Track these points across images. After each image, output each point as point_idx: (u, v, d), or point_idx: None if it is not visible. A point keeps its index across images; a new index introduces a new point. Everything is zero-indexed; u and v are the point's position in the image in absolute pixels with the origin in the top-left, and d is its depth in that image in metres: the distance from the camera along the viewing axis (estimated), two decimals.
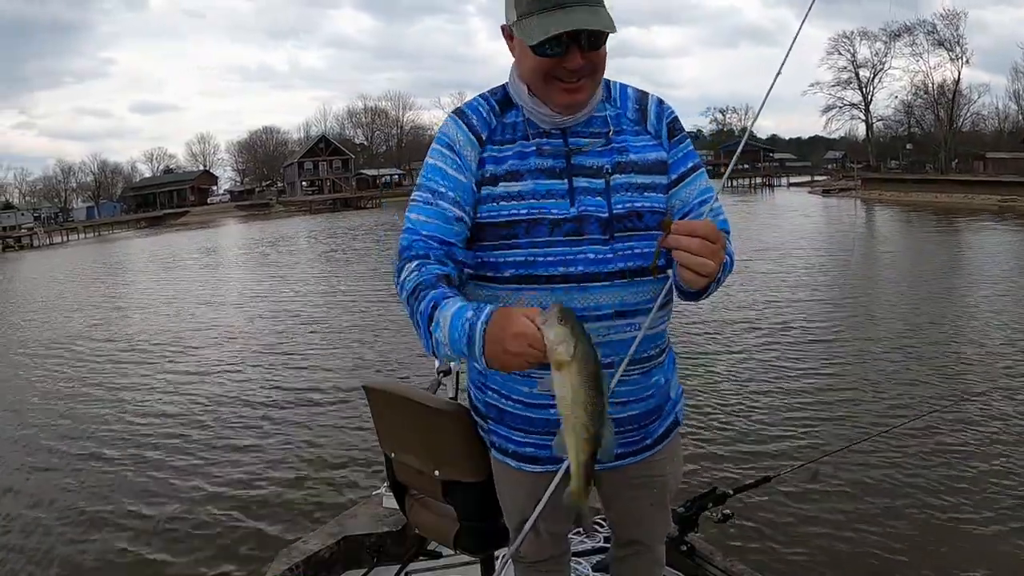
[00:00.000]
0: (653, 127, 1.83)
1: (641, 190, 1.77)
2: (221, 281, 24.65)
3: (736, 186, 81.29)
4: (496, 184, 1.76)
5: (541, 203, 1.74)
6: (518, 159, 1.77)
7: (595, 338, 1.72)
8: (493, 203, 1.76)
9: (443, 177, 1.76)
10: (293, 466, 6.92)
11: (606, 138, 1.78)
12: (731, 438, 6.98)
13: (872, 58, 72.72)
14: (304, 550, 3.18)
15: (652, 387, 1.88)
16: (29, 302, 23.60)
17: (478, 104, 1.84)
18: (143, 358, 12.76)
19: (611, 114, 1.81)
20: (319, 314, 15.82)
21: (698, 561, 3.03)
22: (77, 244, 67.93)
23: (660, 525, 2.17)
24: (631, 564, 2.23)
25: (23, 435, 8.82)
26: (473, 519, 2.23)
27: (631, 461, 1.92)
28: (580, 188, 1.75)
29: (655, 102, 1.86)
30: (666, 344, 1.92)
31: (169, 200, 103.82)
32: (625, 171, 1.77)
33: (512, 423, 1.91)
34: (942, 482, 5.82)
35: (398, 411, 2.32)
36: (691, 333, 11.23)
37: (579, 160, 1.77)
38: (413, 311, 1.65)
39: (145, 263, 35.85)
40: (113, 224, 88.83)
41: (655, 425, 1.93)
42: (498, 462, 2.00)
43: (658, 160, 1.81)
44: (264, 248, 37.83)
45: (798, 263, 19.05)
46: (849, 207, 44.65)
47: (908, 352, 9.84)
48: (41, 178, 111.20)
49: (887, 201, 46.70)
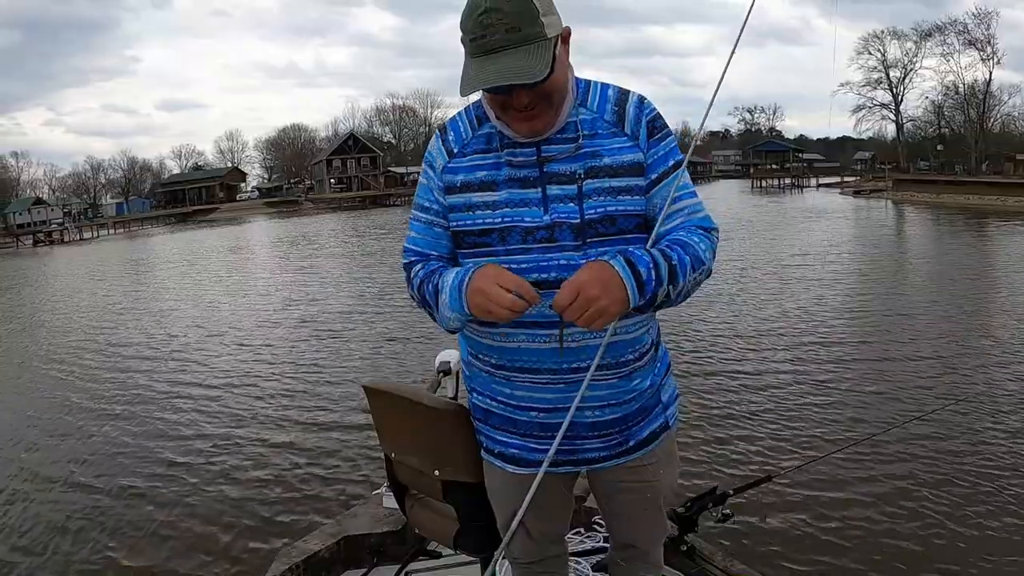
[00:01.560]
0: (631, 128, 1.79)
1: (615, 194, 1.75)
2: (241, 278, 24.76)
3: (766, 187, 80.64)
4: (460, 193, 1.81)
5: (516, 211, 1.76)
6: (493, 169, 1.79)
7: (570, 343, 1.77)
8: (469, 212, 1.80)
9: (427, 192, 1.88)
10: (293, 466, 6.89)
11: (578, 143, 1.76)
12: (731, 438, 6.94)
13: (902, 58, 72.09)
14: (304, 550, 3.19)
15: (633, 391, 1.87)
16: (72, 297, 23.85)
17: (459, 118, 1.88)
18: (143, 355, 12.84)
19: (586, 118, 1.78)
20: (320, 314, 15.74)
21: (698, 561, 3.02)
22: (107, 240, 68.69)
23: (655, 529, 2.15)
24: (628, 567, 2.23)
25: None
26: (473, 519, 2.22)
27: (617, 463, 1.92)
28: (553, 196, 1.75)
29: (635, 102, 1.81)
30: (649, 348, 1.90)
31: (198, 196, 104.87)
32: (598, 175, 1.75)
33: (497, 423, 1.95)
34: (943, 482, 5.78)
35: (398, 411, 2.31)
36: (692, 334, 11.12)
37: (552, 167, 1.76)
38: (425, 298, 1.81)
39: (177, 258, 36.05)
40: (143, 220, 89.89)
41: (639, 428, 1.92)
42: (486, 462, 2.03)
43: (634, 162, 1.77)
44: (289, 246, 37.91)
45: (841, 268, 18.66)
46: (882, 208, 43.93)
47: (912, 352, 9.75)
48: (71, 174, 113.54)
49: (918, 202, 46.01)
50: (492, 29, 1.57)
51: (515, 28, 1.57)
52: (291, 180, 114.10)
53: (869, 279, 16.59)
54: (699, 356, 9.85)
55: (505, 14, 1.56)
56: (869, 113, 75.00)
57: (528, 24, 1.58)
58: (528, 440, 1.88)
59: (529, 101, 1.65)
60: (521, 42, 1.58)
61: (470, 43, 1.60)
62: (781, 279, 16.64)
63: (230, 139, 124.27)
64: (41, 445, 8.26)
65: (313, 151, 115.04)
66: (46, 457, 7.81)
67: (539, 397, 1.84)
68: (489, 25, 1.56)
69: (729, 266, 17.92)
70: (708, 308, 12.96)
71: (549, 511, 2.07)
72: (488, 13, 1.56)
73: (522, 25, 1.57)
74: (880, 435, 6.01)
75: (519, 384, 1.85)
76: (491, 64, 1.58)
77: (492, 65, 1.58)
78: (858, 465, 5.98)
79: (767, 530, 5.17)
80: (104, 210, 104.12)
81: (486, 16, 1.56)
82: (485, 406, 1.96)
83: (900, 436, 6.36)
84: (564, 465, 1.91)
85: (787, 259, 20.03)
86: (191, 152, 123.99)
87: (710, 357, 9.85)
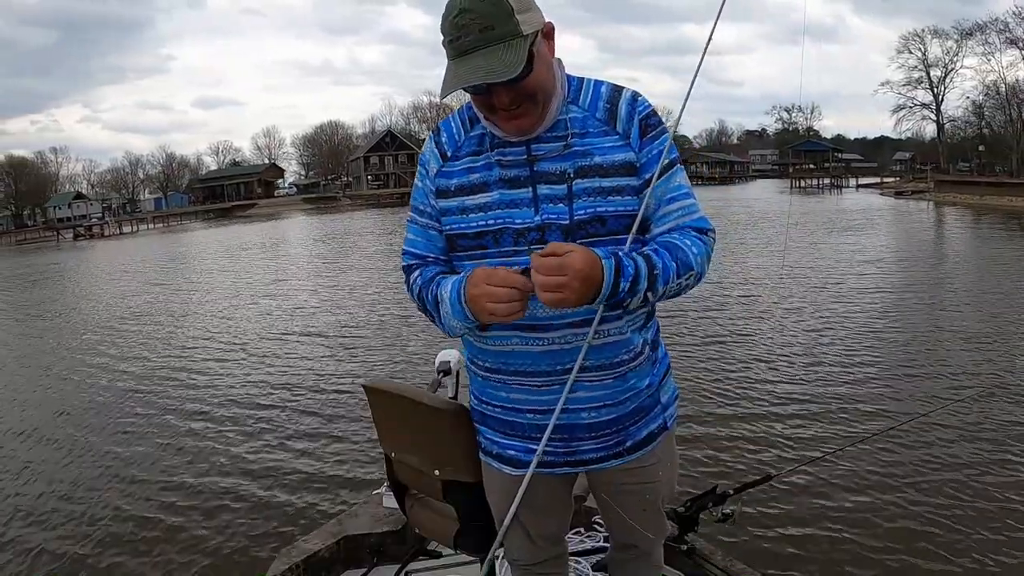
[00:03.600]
0: (623, 126, 1.76)
1: (605, 194, 1.72)
2: (263, 276, 24.71)
3: (804, 186, 79.78)
4: (454, 196, 1.81)
5: (507, 212, 1.75)
6: (485, 170, 1.78)
7: (563, 344, 1.77)
8: (463, 215, 1.80)
9: (423, 196, 1.89)
10: (293, 466, 6.87)
11: (566, 142, 1.74)
12: (731, 437, 6.87)
13: (943, 57, 70.75)
14: (304, 550, 3.19)
15: (630, 390, 1.86)
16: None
17: (452, 119, 1.88)
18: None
19: (576, 116, 1.76)
20: (320, 314, 15.69)
21: (698, 561, 3.00)
22: (147, 234, 69.84)
23: (655, 529, 2.14)
24: (628, 567, 2.24)
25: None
26: (473, 519, 2.21)
27: (615, 463, 1.91)
28: (543, 196, 1.74)
29: (627, 100, 1.77)
30: (642, 349, 1.87)
31: (236, 192, 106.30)
32: (588, 175, 1.72)
33: (494, 426, 1.95)
34: (943, 482, 5.72)
35: (398, 411, 2.31)
36: (691, 334, 11.00)
37: (542, 167, 1.74)
38: (427, 306, 1.84)
39: (217, 253, 36.35)
40: (181, 215, 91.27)
41: (636, 428, 1.90)
42: (484, 463, 2.04)
43: (625, 162, 1.74)
44: (329, 242, 37.96)
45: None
46: (925, 211, 42.75)
47: (916, 353, 9.63)
48: (109, 169, 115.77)
49: (962, 204, 45.04)
50: (466, 30, 1.57)
51: (488, 27, 1.57)
52: (328, 177, 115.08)
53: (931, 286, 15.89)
54: (699, 356, 9.75)
55: (478, 14, 1.56)
56: (909, 113, 74.00)
57: (501, 23, 1.57)
58: (526, 442, 1.88)
59: (511, 100, 1.65)
60: (494, 40, 1.58)
61: (448, 46, 1.61)
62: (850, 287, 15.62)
63: (267, 136, 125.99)
64: (41, 446, 8.23)
65: (350, 148, 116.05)
66: (46, 456, 7.79)
67: (534, 400, 1.83)
68: (464, 26, 1.57)
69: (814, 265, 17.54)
70: (708, 309, 12.87)
71: (549, 513, 2.08)
72: (462, 14, 1.57)
73: (496, 24, 1.57)
74: (880, 435, 5.99)
75: (514, 387, 1.85)
76: (466, 65, 1.59)
77: (466, 65, 1.59)
78: (859, 465, 5.95)
79: (767, 530, 5.14)
80: (142, 205, 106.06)
81: (460, 17, 1.57)
82: (482, 410, 1.97)
83: (900, 436, 6.32)
84: (562, 467, 1.91)
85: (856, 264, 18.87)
86: (228, 148, 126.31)
87: (710, 357, 9.76)
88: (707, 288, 14.06)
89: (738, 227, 30.42)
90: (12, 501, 6.56)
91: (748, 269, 17.95)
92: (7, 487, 6.93)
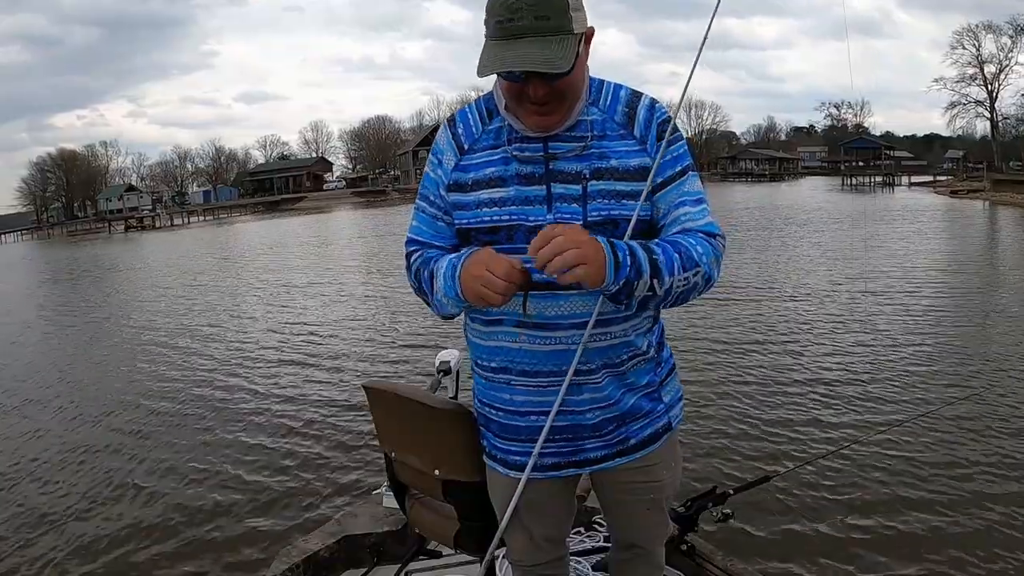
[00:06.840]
0: (640, 131, 1.77)
1: (619, 197, 1.74)
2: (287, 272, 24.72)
3: (856, 184, 78.22)
4: (471, 191, 1.80)
5: (521, 209, 1.75)
6: (502, 164, 1.78)
7: (569, 344, 1.77)
8: (478, 209, 1.79)
9: (434, 187, 1.87)
10: (293, 466, 6.85)
11: (585, 143, 1.74)
12: (731, 437, 6.81)
13: (998, 53, 68.87)
14: (304, 550, 3.20)
15: (628, 387, 1.87)
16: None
17: (469, 111, 1.87)
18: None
19: (596, 118, 1.77)
20: (321, 313, 15.64)
21: (698, 561, 2.99)
22: (198, 226, 70.90)
23: (658, 529, 2.15)
24: (630, 567, 2.24)
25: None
26: (473, 519, 2.23)
27: (619, 462, 1.91)
28: (557, 195, 1.74)
29: (646, 105, 1.79)
30: (646, 349, 1.88)
31: (285, 186, 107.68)
32: (603, 177, 1.74)
33: (498, 430, 1.95)
34: (943, 482, 5.67)
35: (398, 411, 2.33)
36: (692, 333, 10.86)
37: (558, 166, 1.75)
38: (422, 284, 1.85)
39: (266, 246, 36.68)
40: (231, 208, 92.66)
41: (640, 426, 1.91)
42: (489, 466, 2.04)
43: (640, 166, 1.75)
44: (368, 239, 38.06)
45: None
46: (984, 211, 41.01)
47: (918, 353, 9.48)
48: (158, 163, 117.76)
49: (1020, 204, 43.63)
50: (520, 14, 1.56)
51: (544, 16, 1.56)
52: (376, 170, 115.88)
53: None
54: (698, 355, 9.63)
55: (536, 1, 1.55)
56: (963, 110, 72.20)
57: (557, 15, 1.57)
58: (529, 445, 1.87)
59: (545, 94, 1.64)
60: (548, 31, 1.57)
61: (495, 25, 1.59)
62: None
63: (314, 130, 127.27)
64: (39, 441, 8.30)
65: (397, 142, 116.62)
66: (38, 455, 7.80)
67: (538, 401, 1.83)
68: (518, 9, 1.56)
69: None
70: (710, 311, 12.67)
71: (552, 515, 2.08)
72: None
73: (551, 15, 1.57)
74: (880, 435, 5.97)
75: (518, 389, 1.85)
76: (514, 48, 1.57)
77: (515, 49, 1.57)
78: (859, 465, 5.91)
79: (767, 530, 5.11)
80: (191, 198, 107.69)
81: (516, 0, 1.56)
82: (486, 413, 1.97)
83: (901, 436, 6.30)
84: (567, 468, 1.91)
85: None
86: (276, 142, 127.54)
87: (710, 357, 9.64)
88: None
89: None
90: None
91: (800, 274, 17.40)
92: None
